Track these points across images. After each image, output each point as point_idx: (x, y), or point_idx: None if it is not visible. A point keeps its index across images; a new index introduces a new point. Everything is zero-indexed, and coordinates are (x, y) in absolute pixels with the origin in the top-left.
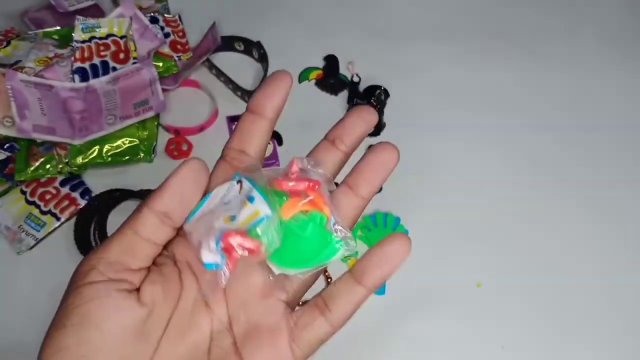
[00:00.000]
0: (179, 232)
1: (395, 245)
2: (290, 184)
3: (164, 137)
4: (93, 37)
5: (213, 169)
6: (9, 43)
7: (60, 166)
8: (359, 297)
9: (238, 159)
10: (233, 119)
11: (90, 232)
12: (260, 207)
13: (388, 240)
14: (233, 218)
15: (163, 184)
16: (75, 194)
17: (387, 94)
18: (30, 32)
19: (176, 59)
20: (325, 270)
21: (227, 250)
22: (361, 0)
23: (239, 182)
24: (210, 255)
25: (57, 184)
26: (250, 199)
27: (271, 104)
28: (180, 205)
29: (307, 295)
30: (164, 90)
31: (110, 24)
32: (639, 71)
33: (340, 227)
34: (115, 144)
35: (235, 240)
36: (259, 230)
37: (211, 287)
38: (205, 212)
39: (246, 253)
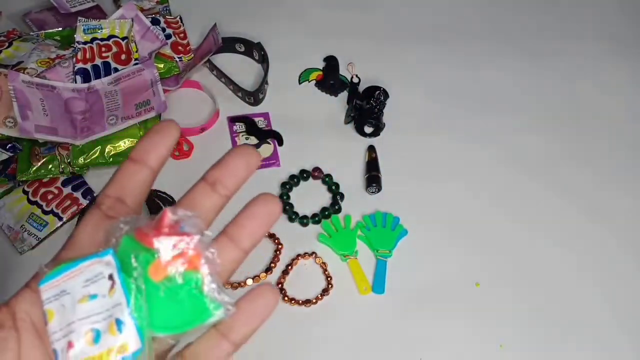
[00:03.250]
0: (30, 286)
1: (263, 300)
2: (161, 239)
3: None
4: (95, 38)
5: (84, 217)
6: (10, 44)
7: (62, 166)
8: (225, 354)
9: (114, 208)
10: (234, 120)
11: None
12: (129, 339)
13: (255, 293)
14: (96, 335)
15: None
16: (77, 194)
17: (386, 95)
18: (32, 33)
19: (177, 60)
20: (325, 270)
21: None
22: (361, 2)
23: (110, 277)
24: None
25: (59, 184)
26: (119, 324)
27: (155, 153)
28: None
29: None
30: (165, 91)
31: (112, 25)
32: (638, 71)
33: (216, 288)
34: (117, 145)
35: None
36: None
37: None
38: (65, 287)
39: None
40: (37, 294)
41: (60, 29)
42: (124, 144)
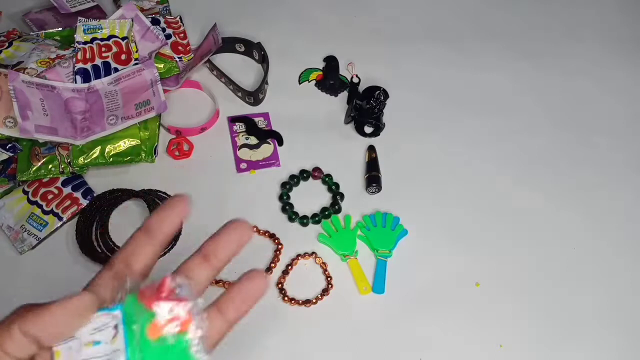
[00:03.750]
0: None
1: (253, 284)
2: (160, 303)
3: (165, 138)
4: (95, 38)
5: (98, 274)
6: (10, 44)
7: (62, 166)
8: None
9: (123, 272)
10: (234, 120)
11: (92, 231)
12: None
13: (245, 278)
14: None
15: (44, 308)
16: (77, 194)
17: (386, 95)
18: (32, 33)
19: (177, 60)
20: (325, 270)
21: None
22: (361, 2)
23: (115, 327)
24: None
25: (59, 184)
26: None
27: (163, 229)
28: (54, 333)
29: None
30: (165, 90)
31: (112, 25)
32: (637, 71)
33: (202, 350)
34: (116, 145)
35: None
36: None
37: None
38: (74, 333)
39: None
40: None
41: (60, 29)
42: (124, 144)
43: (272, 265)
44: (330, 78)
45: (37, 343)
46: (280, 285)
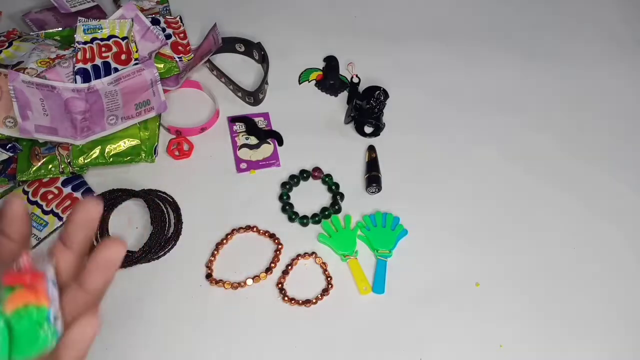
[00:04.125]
0: None
1: (81, 329)
2: (14, 277)
3: (165, 138)
4: (95, 38)
5: None
6: (10, 44)
7: (62, 166)
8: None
9: None
10: (234, 120)
11: None
12: None
13: (76, 322)
14: None
15: None
16: (77, 194)
17: (386, 95)
18: (32, 33)
19: (177, 60)
20: (325, 270)
21: None
22: (361, 2)
23: None
24: None
25: (59, 184)
26: None
27: (15, 232)
28: None
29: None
30: (165, 90)
31: (112, 25)
32: (637, 71)
33: (58, 320)
34: (116, 145)
35: None
36: None
37: None
38: None
39: None
40: None
41: (60, 29)
42: (124, 144)
43: (272, 265)
44: (330, 78)
45: None
46: (280, 285)
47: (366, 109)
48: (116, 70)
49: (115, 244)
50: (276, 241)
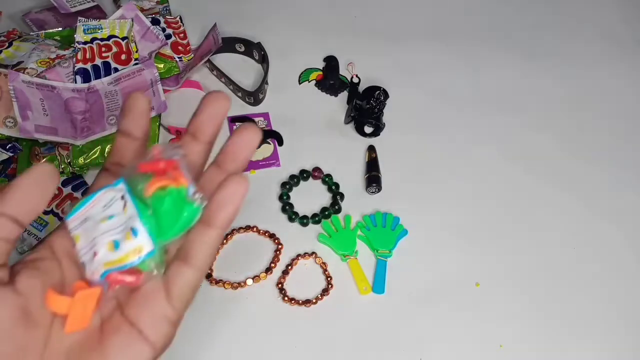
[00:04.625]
0: (61, 225)
1: (232, 187)
2: (152, 164)
3: (165, 138)
4: (95, 38)
5: (97, 177)
6: (10, 44)
7: (63, 166)
8: (212, 238)
9: (117, 171)
10: (234, 120)
11: None
12: (144, 242)
13: (225, 184)
14: (116, 244)
15: (10, 186)
16: (77, 194)
17: (386, 95)
18: (32, 33)
19: (177, 60)
20: (325, 270)
21: (110, 282)
22: (361, 2)
23: (122, 197)
24: (93, 279)
25: (59, 183)
26: (134, 231)
27: (138, 128)
28: (26, 209)
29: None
30: (165, 91)
31: (112, 25)
32: (637, 71)
33: (198, 194)
34: None
35: (118, 277)
36: (141, 266)
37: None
38: (87, 215)
39: (127, 284)
40: (66, 230)
41: (60, 29)
42: None
43: (272, 265)
44: (330, 78)
45: (15, 222)
46: (280, 285)
47: (366, 109)
48: (116, 70)
49: (250, 128)
50: (276, 241)
